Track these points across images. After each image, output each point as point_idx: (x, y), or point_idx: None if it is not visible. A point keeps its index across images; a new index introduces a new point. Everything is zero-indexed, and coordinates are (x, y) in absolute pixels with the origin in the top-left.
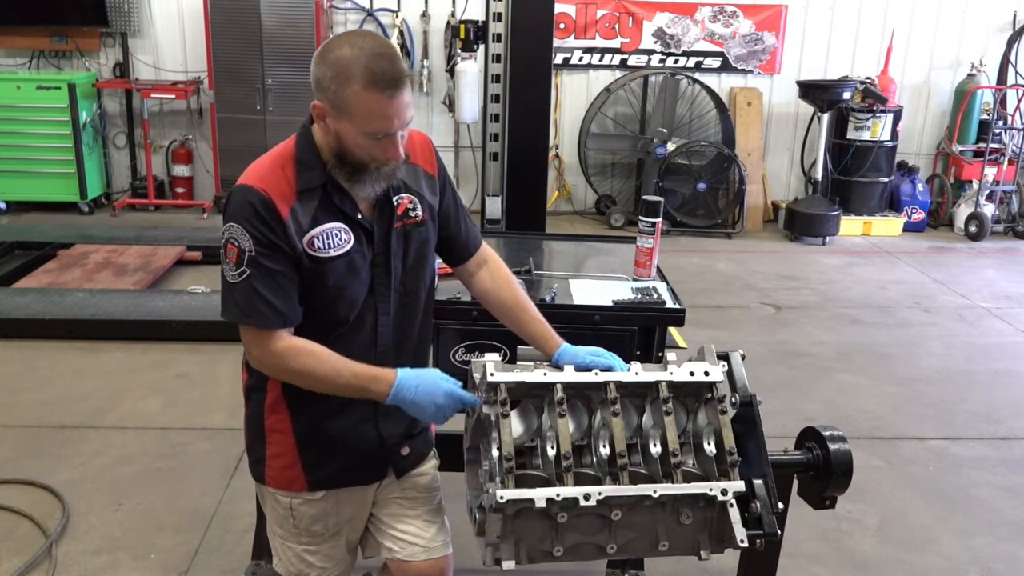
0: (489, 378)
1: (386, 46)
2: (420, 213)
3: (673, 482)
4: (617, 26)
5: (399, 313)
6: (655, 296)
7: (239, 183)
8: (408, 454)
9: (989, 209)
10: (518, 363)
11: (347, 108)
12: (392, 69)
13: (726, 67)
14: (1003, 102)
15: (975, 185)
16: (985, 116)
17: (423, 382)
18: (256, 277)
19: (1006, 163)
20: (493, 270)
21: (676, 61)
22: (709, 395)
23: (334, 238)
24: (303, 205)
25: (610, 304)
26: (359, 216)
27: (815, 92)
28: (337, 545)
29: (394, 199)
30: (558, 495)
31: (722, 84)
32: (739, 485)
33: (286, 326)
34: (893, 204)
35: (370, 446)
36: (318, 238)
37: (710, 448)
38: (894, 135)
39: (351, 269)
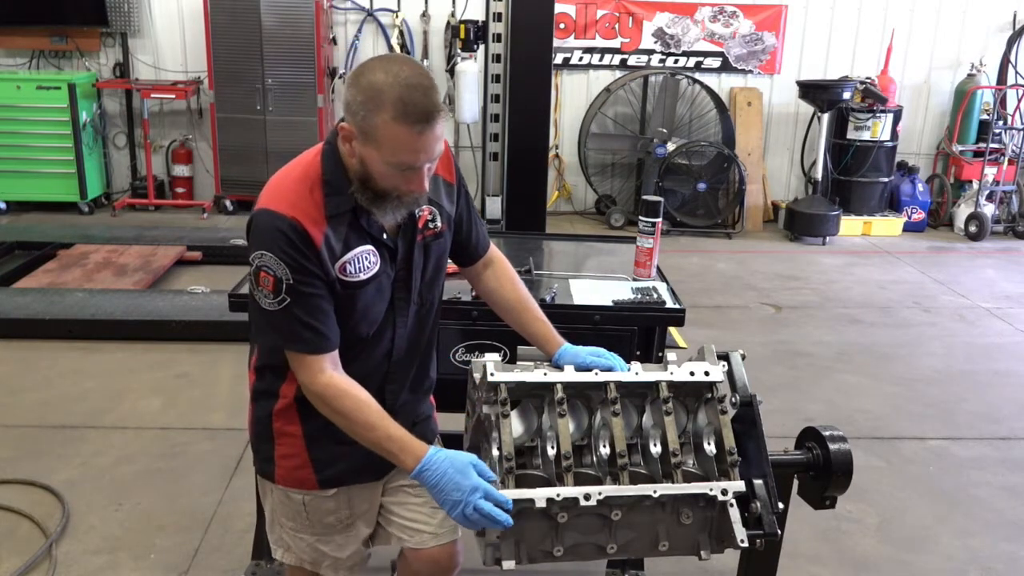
0: (489, 378)
1: (423, 76)
2: (439, 224)
3: (673, 482)
4: (617, 26)
5: (414, 324)
6: (655, 296)
7: (266, 207)
8: None
9: (989, 209)
10: (518, 363)
11: (374, 136)
12: (425, 103)
13: (726, 67)
14: (1003, 102)
15: (975, 185)
16: (985, 116)
17: (454, 466)
18: (296, 304)
19: (1006, 163)
20: (498, 270)
21: (676, 61)
22: (709, 395)
23: (364, 262)
24: (335, 230)
25: (610, 304)
26: (384, 236)
27: (815, 92)
28: (350, 536)
29: (415, 211)
30: (558, 495)
31: (722, 84)
32: (739, 485)
33: (331, 349)
34: (893, 204)
35: None
36: (350, 263)
37: (710, 448)
38: (894, 135)
39: (379, 291)
